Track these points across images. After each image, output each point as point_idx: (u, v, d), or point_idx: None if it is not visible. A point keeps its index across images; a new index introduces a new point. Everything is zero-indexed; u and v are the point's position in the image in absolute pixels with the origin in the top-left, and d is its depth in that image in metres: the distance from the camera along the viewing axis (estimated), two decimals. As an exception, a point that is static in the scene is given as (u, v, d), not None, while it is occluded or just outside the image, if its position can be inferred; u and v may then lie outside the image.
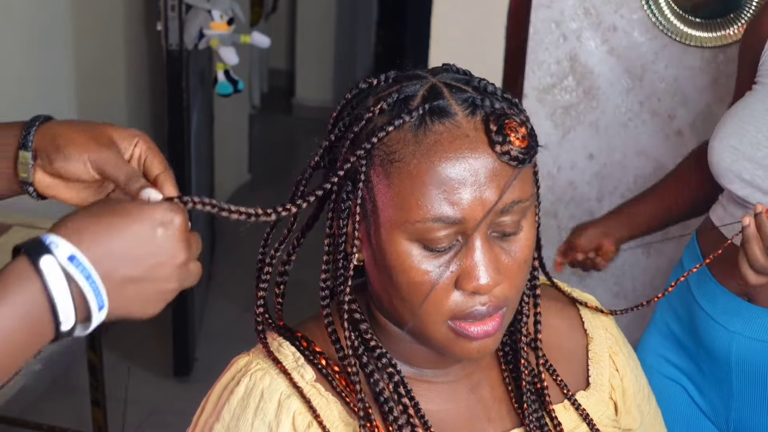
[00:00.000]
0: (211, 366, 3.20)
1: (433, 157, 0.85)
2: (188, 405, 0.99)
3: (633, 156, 2.42)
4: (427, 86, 0.89)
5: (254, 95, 5.73)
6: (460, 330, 0.89)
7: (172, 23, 2.85)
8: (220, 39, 3.11)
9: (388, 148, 0.87)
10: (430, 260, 0.87)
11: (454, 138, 0.86)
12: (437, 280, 0.87)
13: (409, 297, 0.88)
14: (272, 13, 5.70)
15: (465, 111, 0.87)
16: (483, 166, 0.85)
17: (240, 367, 0.96)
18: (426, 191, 0.85)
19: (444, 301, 0.88)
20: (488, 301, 0.88)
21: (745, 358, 1.50)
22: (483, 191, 0.85)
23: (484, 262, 0.87)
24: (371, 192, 0.89)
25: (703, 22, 2.29)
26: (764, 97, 1.47)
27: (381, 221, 0.88)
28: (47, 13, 2.95)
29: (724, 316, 1.51)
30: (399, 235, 0.87)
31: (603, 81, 2.40)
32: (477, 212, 0.85)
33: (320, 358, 0.95)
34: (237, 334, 3.32)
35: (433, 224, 0.85)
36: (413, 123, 0.86)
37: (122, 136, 0.90)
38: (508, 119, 0.87)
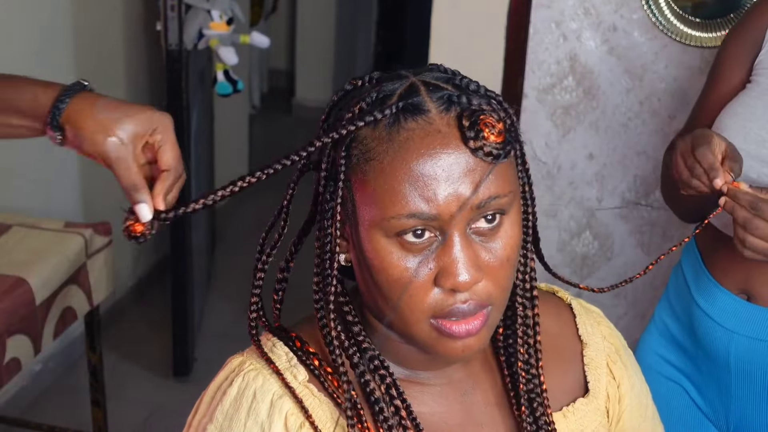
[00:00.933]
0: (211, 366, 3.19)
1: (406, 153, 0.86)
2: (188, 405, 0.99)
3: (633, 156, 2.43)
4: (405, 85, 0.89)
5: (254, 95, 5.73)
6: (443, 328, 0.89)
7: (172, 23, 2.85)
8: (219, 39, 3.11)
9: (365, 147, 0.88)
10: (408, 257, 0.87)
11: (426, 134, 0.86)
12: (415, 276, 0.87)
13: (389, 294, 0.89)
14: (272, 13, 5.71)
15: (439, 108, 0.87)
16: (456, 162, 0.86)
17: (233, 367, 0.97)
18: (400, 188, 0.85)
19: (424, 298, 0.88)
20: (469, 299, 0.88)
21: (744, 358, 1.50)
22: (457, 187, 0.86)
23: (462, 258, 0.87)
24: (350, 191, 0.89)
25: (703, 22, 2.29)
26: (762, 94, 1.47)
27: (359, 219, 0.89)
28: (47, 13, 2.95)
29: (723, 316, 1.51)
30: (377, 232, 0.87)
31: (603, 81, 2.40)
32: (452, 208, 0.86)
33: (313, 359, 0.95)
34: (237, 334, 3.31)
35: (407, 220, 0.86)
36: (388, 121, 0.87)
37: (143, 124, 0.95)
38: (483, 115, 0.87)
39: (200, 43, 3.09)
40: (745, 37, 1.55)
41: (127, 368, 3.18)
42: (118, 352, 3.23)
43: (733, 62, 1.56)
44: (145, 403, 3.03)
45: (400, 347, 0.96)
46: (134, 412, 2.96)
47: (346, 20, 6.18)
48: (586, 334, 1.09)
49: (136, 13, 3.50)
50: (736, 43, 1.56)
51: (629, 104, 2.40)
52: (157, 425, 2.93)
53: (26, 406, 2.90)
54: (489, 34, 2.47)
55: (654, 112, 2.39)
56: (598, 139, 2.42)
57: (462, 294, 0.88)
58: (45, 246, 2.30)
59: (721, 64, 1.58)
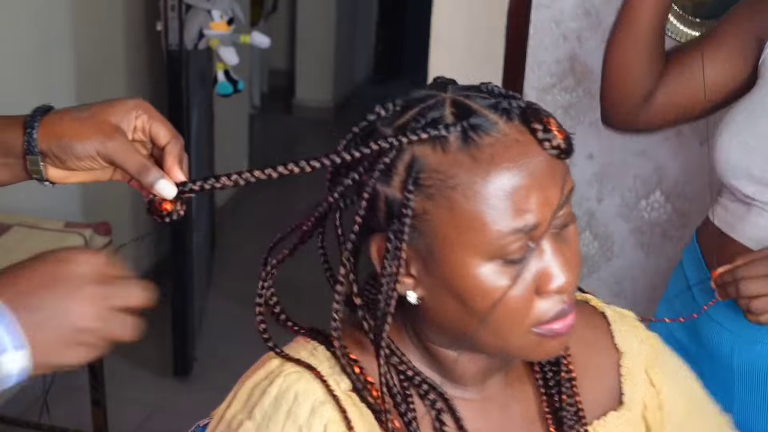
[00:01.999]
0: (210, 366, 3.20)
1: (495, 171, 0.83)
2: (188, 405, 0.98)
3: (633, 156, 2.42)
4: (448, 104, 0.87)
5: (254, 95, 5.73)
6: (547, 332, 0.88)
7: (172, 23, 2.85)
8: (220, 39, 3.11)
9: (443, 175, 0.84)
10: (506, 275, 0.85)
11: (507, 147, 0.84)
12: (519, 293, 0.85)
13: (488, 317, 0.86)
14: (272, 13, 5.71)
15: (502, 118, 0.85)
16: (538, 166, 0.85)
17: (273, 367, 0.94)
18: (497, 206, 0.83)
19: (527, 312, 0.86)
20: (567, 297, 0.88)
21: (747, 362, 1.50)
22: (546, 191, 0.85)
23: (558, 260, 0.86)
24: (428, 225, 0.86)
25: (703, 22, 2.29)
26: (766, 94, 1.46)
27: (447, 251, 0.85)
28: (47, 14, 2.95)
29: (727, 319, 1.51)
30: (473, 258, 0.85)
31: (603, 81, 2.40)
32: (546, 214, 0.85)
33: (354, 366, 0.93)
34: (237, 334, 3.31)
35: (510, 237, 0.84)
36: (459, 144, 0.84)
37: (122, 114, 0.90)
38: (542, 114, 0.86)
39: (200, 43, 3.09)
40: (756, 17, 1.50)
41: (127, 368, 3.18)
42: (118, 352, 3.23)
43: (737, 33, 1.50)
44: (145, 403, 3.03)
45: (455, 365, 0.94)
46: (134, 412, 2.96)
47: (346, 20, 6.18)
48: (623, 341, 1.06)
49: (136, 13, 3.50)
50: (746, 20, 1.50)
51: (629, 104, 2.40)
52: (157, 425, 2.93)
53: (26, 406, 2.90)
54: (489, 34, 2.47)
55: (654, 112, 2.39)
56: (598, 139, 2.42)
57: (563, 294, 0.87)
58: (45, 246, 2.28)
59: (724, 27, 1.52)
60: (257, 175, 0.87)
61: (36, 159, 0.89)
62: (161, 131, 0.91)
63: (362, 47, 6.73)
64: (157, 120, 0.91)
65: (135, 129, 0.91)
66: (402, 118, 0.88)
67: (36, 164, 0.90)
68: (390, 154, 0.86)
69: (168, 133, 0.91)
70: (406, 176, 0.85)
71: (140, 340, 0.84)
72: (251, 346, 1.02)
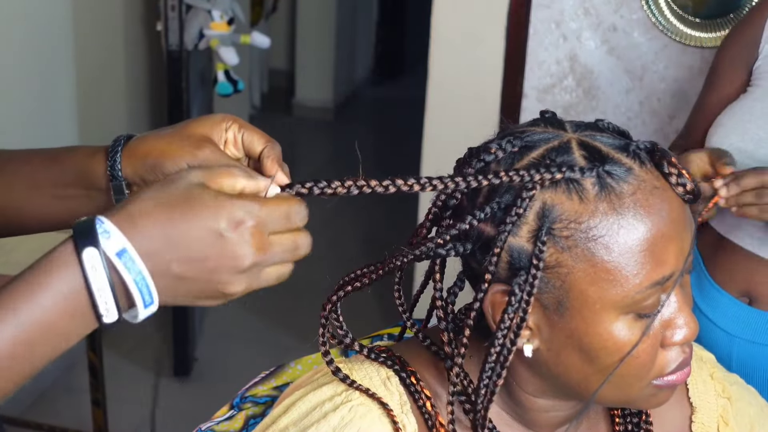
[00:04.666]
0: (210, 366, 3.20)
1: (640, 220, 0.78)
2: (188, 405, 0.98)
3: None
4: (575, 146, 0.81)
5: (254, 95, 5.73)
6: (667, 384, 0.84)
7: (172, 23, 2.85)
8: (220, 39, 3.11)
9: (583, 225, 0.79)
10: (637, 329, 0.81)
11: (648, 194, 0.79)
12: (649, 346, 0.81)
13: (618, 373, 0.81)
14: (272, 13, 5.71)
15: (634, 162, 0.81)
16: (677, 213, 0.80)
17: (340, 390, 0.88)
18: (641, 258, 0.78)
19: (652, 365, 0.82)
20: (688, 347, 0.84)
21: (745, 362, 1.50)
22: (682, 239, 0.81)
23: (685, 310, 0.82)
24: (561, 278, 0.80)
25: (703, 22, 2.29)
26: (762, 96, 1.48)
27: (581, 305, 0.80)
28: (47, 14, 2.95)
29: (724, 320, 1.51)
30: (610, 313, 0.80)
31: (603, 81, 2.40)
32: (680, 263, 0.80)
33: (426, 403, 0.88)
34: (237, 334, 3.31)
35: (650, 290, 0.79)
36: (596, 191, 0.79)
37: (209, 126, 0.84)
38: (670, 156, 0.82)
39: (201, 43, 3.09)
40: (742, 41, 1.57)
41: (127, 368, 3.18)
42: (118, 352, 3.23)
43: (731, 66, 1.58)
44: (145, 403, 3.03)
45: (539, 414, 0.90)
46: (134, 412, 2.96)
47: (346, 20, 6.18)
48: (698, 395, 1.00)
49: (136, 13, 3.50)
50: (733, 48, 1.58)
51: (629, 104, 2.40)
52: (157, 425, 2.93)
53: (26, 406, 2.90)
54: (489, 34, 2.48)
55: (654, 112, 2.39)
56: (598, 139, 2.42)
57: (686, 344, 0.83)
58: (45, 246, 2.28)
59: (719, 67, 1.60)
60: (373, 185, 0.76)
61: (120, 186, 0.84)
62: (255, 137, 0.84)
63: (362, 47, 6.73)
64: (249, 128, 0.84)
65: (227, 142, 0.85)
66: (523, 160, 0.82)
67: (121, 192, 0.84)
68: (522, 204, 0.79)
69: (262, 138, 0.84)
70: (537, 226, 0.80)
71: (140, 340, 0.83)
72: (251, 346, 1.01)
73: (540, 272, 0.79)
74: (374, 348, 0.92)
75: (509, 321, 0.81)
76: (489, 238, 0.82)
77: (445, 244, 0.83)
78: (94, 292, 0.66)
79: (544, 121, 0.86)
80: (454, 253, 0.84)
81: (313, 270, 0.99)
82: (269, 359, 1.51)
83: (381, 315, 3.28)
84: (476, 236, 0.83)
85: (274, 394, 1.05)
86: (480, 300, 0.83)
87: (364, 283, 0.88)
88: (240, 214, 0.68)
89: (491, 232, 0.82)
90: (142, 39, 3.54)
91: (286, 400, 0.90)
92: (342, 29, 6.12)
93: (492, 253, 0.81)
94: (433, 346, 0.91)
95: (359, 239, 4.23)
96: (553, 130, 0.84)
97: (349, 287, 0.88)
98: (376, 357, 0.91)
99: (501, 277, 0.82)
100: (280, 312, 3.41)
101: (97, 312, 0.67)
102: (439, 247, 0.83)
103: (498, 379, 0.83)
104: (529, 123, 0.87)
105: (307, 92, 6.16)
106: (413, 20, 6.44)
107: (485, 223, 0.82)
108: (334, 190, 0.76)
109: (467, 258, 0.86)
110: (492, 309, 0.83)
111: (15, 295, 0.70)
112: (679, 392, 0.99)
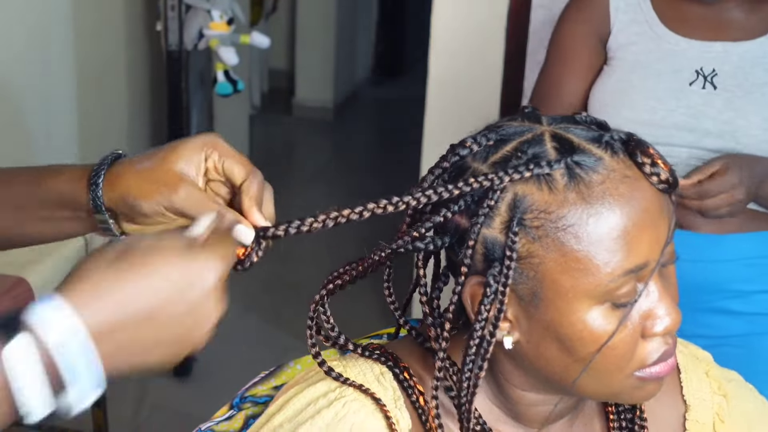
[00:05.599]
0: (210, 366, 3.20)
1: (609, 209, 0.79)
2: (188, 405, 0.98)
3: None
4: (548, 138, 0.82)
5: (254, 95, 5.73)
6: (649, 376, 0.84)
7: (172, 23, 2.85)
8: (219, 39, 3.11)
9: (552, 216, 0.79)
10: (614, 319, 0.81)
11: (617, 183, 0.79)
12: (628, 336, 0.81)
13: (597, 364, 0.81)
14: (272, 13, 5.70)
15: (606, 152, 0.81)
16: (650, 202, 0.80)
17: (333, 386, 0.88)
18: (612, 246, 0.78)
19: (632, 355, 0.82)
20: (671, 338, 0.84)
21: None
22: (657, 228, 0.81)
23: (666, 300, 0.82)
24: (533, 268, 0.80)
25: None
26: (633, 68, 1.56)
27: (555, 295, 0.80)
28: (47, 14, 2.95)
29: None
30: (582, 303, 0.80)
31: (603, 81, 2.40)
32: (656, 252, 0.80)
33: (419, 398, 0.88)
34: (237, 334, 3.31)
35: (622, 279, 0.79)
36: (565, 181, 0.79)
37: (187, 159, 0.81)
38: (646, 147, 0.82)
39: (200, 43, 3.09)
40: (589, 18, 1.63)
41: (127, 368, 3.18)
42: (118, 352, 3.23)
43: (586, 43, 1.63)
44: (145, 403, 3.03)
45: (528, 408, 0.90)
46: (134, 412, 2.96)
47: (346, 20, 6.18)
48: (692, 393, 0.99)
49: (136, 13, 3.50)
50: (582, 25, 1.64)
51: (629, 104, 2.40)
52: (157, 425, 2.93)
53: (26, 406, 2.90)
54: (489, 34, 2.48)
55: (654, 112, 2.39)
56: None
57: (667, 335, 0.83)
58: (45, 246, 2.30)
59: (570, 42, 1.65)
60: (347, 215, 0.78)
61: (104, 218, 0.83)
62: (235, 169, 0.81)
63: (362, 47, 6.73)
64: (230, 157, 0.81)
65: (207, 171, 0.82)
66: (497, 153, 0.83)
67: (105, 222, 0.84)
68: (494, 196, 0.80)
69: (242, 170, 0.81)
70: (509, 217, 0.80)
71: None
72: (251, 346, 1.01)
73: (513, 263, 0.80)
74: (368, 346, 0.93)
75: (486, 312, 0.81)
76: (464, 231, 0.83)
77: (422, 238, 0.84)
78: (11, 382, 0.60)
79: (522, 115, 0.87)
80: (433, 246, 0.84)
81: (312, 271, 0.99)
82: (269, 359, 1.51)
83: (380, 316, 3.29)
84: (453, 229, 0.84)
85: (274, 394, 1.04)
86: (458, 293, 0.83)
87: (346, 280, 0.88)
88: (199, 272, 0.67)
89: (466, 224, 0.83)
90: (142, 39, 3.54)
91: (280, 398, 0.91)
92: (342, 29, 6.12)
93: (466, 246, 0.81)
94: (426, 343, 0.91)
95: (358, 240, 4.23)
96: (528, 123, 0.85)
97: (331, 285, 0.88)
98: (370, 354, 0.91)
99: (478, 269, 0.83)
100: (280, 312, 3.43)
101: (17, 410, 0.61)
102: (416, 240, 0.84)
103: (479, 371, 0.84)
104: (507, 118, 0.88)
105: (307, 92, 6.15)
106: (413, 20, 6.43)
107: (460, 216, 0.83)
108: (310, 227, 0.77)
109: (447, 251, 0.87)
110: (471, 301, 0.84)
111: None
112: (673, 390, 0.99)
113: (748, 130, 1.50)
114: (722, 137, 1.51)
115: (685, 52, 1.55)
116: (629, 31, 1.59)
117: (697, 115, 1.52)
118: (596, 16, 1.62)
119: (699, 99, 1.53)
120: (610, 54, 1.61)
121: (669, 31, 1.57)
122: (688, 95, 1.53)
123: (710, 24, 1.57)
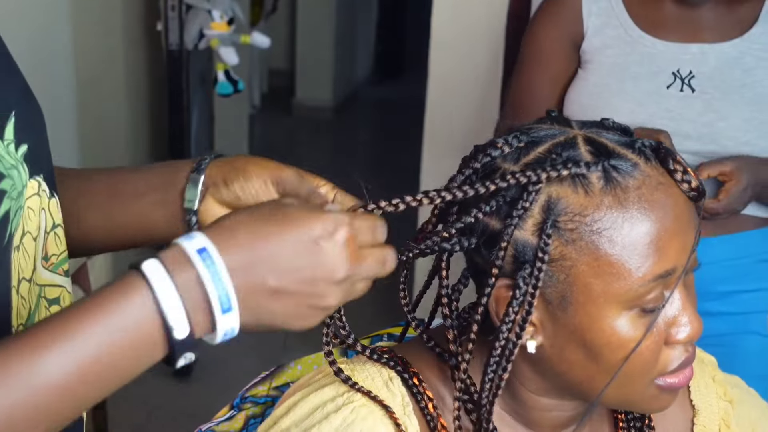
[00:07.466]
0: (210, 366, 3.20)
1: (644, 214, 0.79)
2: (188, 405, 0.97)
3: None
4: (581, 141, 0.82)
5: (254, 95, 5.73)
6: (669, 386, 0.84)
7: (172, 23, 2.85)
8: (220, 39, 3.11)
9: (588, 219, 0.79)
10: (641, 326, 0.81)
11: (653, 189, 0.80)
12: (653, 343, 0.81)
13: (623, 371, 0.81)
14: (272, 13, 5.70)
15: (641, 158, 0.81)
16: (681, 209, 0.81)
17: (342, 390, 0.87)
18: (644, 251, 0.79)
19: (655, 362, 0.82)
20: (691, 346, 0.84)
21: None
22: (686, 235, 0.81)
23: (688, 308, 0.82)
24: (565, 271, 0.80)
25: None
26: (610, 72, 1.55)
27: (585, 299, 0.80)
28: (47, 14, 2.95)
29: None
30: (613, 307, 0.80)
31: (603, 81, 2.40)
32: (683, 259, 0.81)
33: (429, 405, 0.87)
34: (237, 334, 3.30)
35: (651, 284, 0.80)
36: (601, 185, 0.79)
37: None
38: (674, 155, 0.82)
39: (201, 43, 3.09)
40: (562, 22, 1.61)
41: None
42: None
43: (560, 48, 1.62)
44: (145, 403, 3.03)
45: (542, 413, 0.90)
46: (134, 412, 2.96)
47: (346, 20, 6.18)
48: (700, 398, 0.99)
49: (136, 13, 3.50)
50: (555, 29, 1.62)
51: (629, 104, 2.40)
52: (157, 425, 2.93)
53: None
54: (489, 34, 2.47)
55: (654, 112, 2.39)
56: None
57: (688, 344, 0.83)
58: (45, 246, 2.30)
59: (543, 48, 1.63)
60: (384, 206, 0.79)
61: (198, 179, 0.86)
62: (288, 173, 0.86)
63: (362, 47, 6.73)
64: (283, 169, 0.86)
65: None
66: (529, 155, 0.82)
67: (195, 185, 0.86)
68: (529, 197, 0.80)
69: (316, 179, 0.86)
70: (542, 219, 0.80)
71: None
72: (251, 346, 1.01)
73: (545, 265, 0.80)
74: (376, 349, 0.92)
75: (513, 315, 0.81)
76: (494, 232, 0.82)
77: (450, 238, 0.83)
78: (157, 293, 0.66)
79: (550, 119, 0.87)
80: (459, 247, 0.84)
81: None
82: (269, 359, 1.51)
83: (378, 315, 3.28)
84: (481, 230, 0.83)
85: (274, 394, 1.04)
86: (487, 294, 0.83)
87: None
88: (333, 224, 0.70)
89: (497, 225, 0.82)
90: (142, 39, 3.54)
91: (287, 401, 0.90)
92: (342, 29, 6.12)
93: (499, 247, 0.81)
94: (437, 348, 0.90)
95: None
96: (559, 127, 0.85)
97: None
98: (379, 358, 0.90)
99: (505, 272, 0.82)
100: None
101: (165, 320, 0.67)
102: (444, 241, 0.83)
103: (503, 374, 0.83)
104: (535, 121, 0.88)
105: (307, 92, 6.16)
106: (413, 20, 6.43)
107: (490, 217, 0.82)
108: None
109: (471, 253, 0.86)
110: (496, 304, 0.83)
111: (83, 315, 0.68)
112: (681, 394, 0.99)
113: (728, 132, 1.50)
114: (702, 140, 1.51)
115: (662, 54, 1.54)
116: (604, 35, 1.58)
117: (677, 119, 1.52)
118: (569, 20, 1.61)
119: (678, 102, 1.52)
120: (584, 57, 1.60)
121: (644, 34, 1.56)
122: (667, 98, 1.52)
123: (686, 26, 1.56)
